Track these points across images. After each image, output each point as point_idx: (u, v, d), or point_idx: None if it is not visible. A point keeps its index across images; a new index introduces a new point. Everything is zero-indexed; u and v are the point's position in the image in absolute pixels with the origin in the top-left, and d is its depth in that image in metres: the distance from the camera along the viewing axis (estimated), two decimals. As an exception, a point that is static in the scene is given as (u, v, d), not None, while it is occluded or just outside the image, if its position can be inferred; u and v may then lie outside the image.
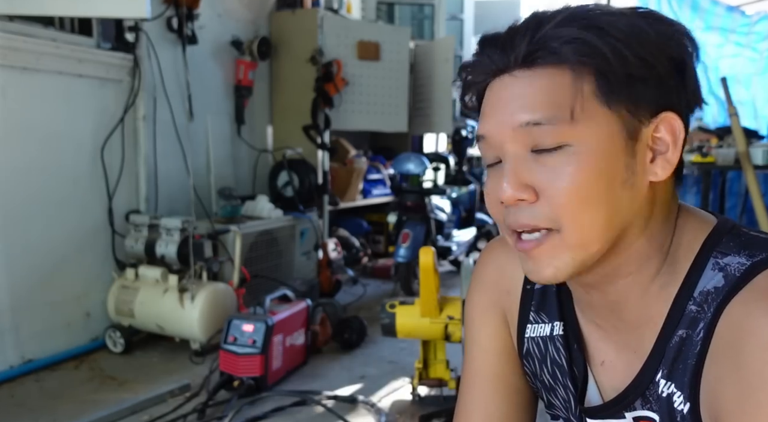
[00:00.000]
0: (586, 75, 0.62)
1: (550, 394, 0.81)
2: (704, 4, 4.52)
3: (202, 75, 3.56)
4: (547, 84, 0.63)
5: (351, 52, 4.29)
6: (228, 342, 2.44)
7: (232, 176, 3.88)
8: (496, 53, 0.65)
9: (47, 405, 2.32)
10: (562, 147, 0.62)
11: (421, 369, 2.36)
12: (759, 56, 4.43)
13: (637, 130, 0.63)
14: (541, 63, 0.63)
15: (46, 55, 2.65)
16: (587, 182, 0.62)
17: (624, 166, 0.63)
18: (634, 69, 0.61)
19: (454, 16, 6.78)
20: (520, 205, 0.65)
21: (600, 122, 0.62)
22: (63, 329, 2.79)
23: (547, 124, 0.62)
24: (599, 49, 0.61)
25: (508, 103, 0.65)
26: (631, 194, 0.64)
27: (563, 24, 0.62)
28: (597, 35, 0.61)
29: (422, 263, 2.18)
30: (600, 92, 0.62)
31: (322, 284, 3.79)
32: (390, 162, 4.77)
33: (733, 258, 0.64)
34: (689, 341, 0.64)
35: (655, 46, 0.62)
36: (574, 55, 0.61)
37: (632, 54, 0.61)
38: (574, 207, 0.62)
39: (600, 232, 0.64)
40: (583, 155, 0.62)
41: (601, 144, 0.62)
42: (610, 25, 0.61)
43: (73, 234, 2.84)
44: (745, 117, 4.18)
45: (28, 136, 2.62)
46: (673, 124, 0.64)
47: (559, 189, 0.62)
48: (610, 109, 0.62)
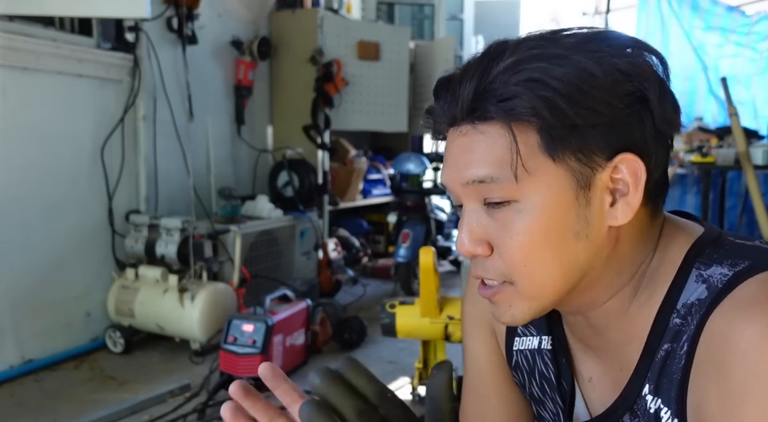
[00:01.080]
0: (529, 130, 0.60)
1: (539, 407, 0.81)
2: (704, 4, 4.52)
3: (202, 75, 3.56)
4: (489, 141, 0.61)
5: (351, 52, 4.29)
6: (228, 342, 2.44)
7: (232, 176, 3.88)
8: (446, 102, 0.64)
9: (47, 405, 2.32)
10: (510, 203, 0.61)
11: (421, 369, 2.36)
12: (759, 56, 4.43)
13: (589, 178, 0.61)
14: (483, 118, 0.61)
15: (46, 55, 2.65)
16: (536, 238, 0.61)
17: (575, 217, 0.61)
18: (577, 119, 0.59)
19: (454, 16, 6.77)
20: (476, 258, 0.65)
21: (546, 177, 0.60)
22: (63, 329, 2.79)
23: (491, 182, 0.61)
24: (536, 106, 0.58)
25: (456, 158, 0.64)
26: (586, 244, 0.62)
27: (506, 73, 0.59)
28: (535, 90, 0.58)
29: (422, 263, 2.18)
30: (544, 146, 0.60)
31: (322, 284, 3.79)
32: (390, 162, 4.77)
33: (716, 269, 0.62)
34: (673, 354, 0.63)
35: (604, 90, 0.59)
36: (512, 113, 0.59)
37: (574, 105, 0.58)
38: (525, 263, 0.62)
39: (554, 284, 0.63)
40: (529, 213, 0.61)
41: (548, 199, 0.61)
42: (551, 76, 0.58)
43: (73, 234, 2.84)
44: (745, 117, 4.18)
45: (28, 136, 2.62)
46: (632, 165, 0.61)
47: (509, 246, 0.62)
48: (555, 162, 0.60)
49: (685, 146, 4.12)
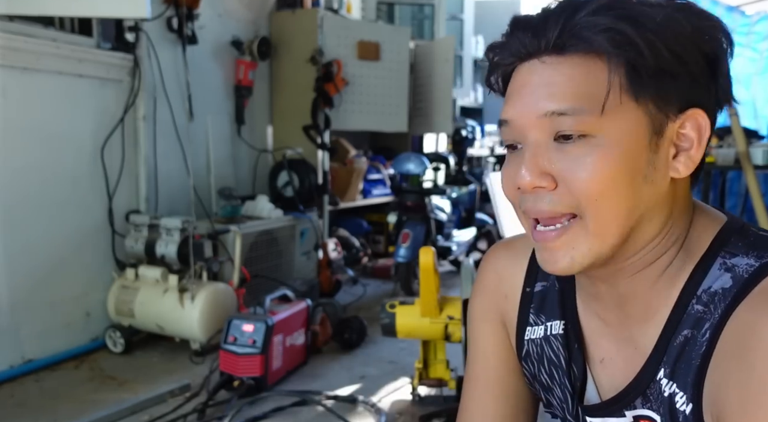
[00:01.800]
0: (617, 66, 0.61)
1: (548, 394, 0.82)
2: (704, 4, 4.52)
3: (202, 75, 3.56)
4: (576, 73, 0.62)
5: (351, 52, 4.29)
6: (228, 342, 2.44)
7: (232, 176, 3.88)
8: (526, 37, 0.64)
9: (47, 405, 2.32)
10: (585, 137, 0.62)
11: (421, 369, 2.36)
12: (759, 56, 4.43)
13: (663, 125, 0.63)
14: (572, 50, 0.62)
15: (46, 55, 2.65)
16: (608, 174, 0.61)
17: (646, 161, 0.63)
18: (666, 63, 0.60)
19: (454, 16, 6.77)
20: (538, 192, 0.64)
21: (626, 116, 0.61)
22: (63, 329, 2.79)
23: (573, 115, 0.61)
24: (633, 41, 0.59)
25: (534, 89, 0.63)
26: (652, 190, 0.63)
27: (598, 12, 0.60)
28: (632, 26, 0.59)
29: (422, 263, 2.18)
30: (629, 85, 0.61)
31: (322, 284, 3.79)
32: (390, 162, 4.77)
33: (742, 259, 0.63)
34: (693, 341, 0.63)
35: (690, 42, 0.61)
36: (606, 45, 0.60)
37: (666, 48, 0.60)
38: (597, 196, 0.62)
39: (619, 224, 0.63)
40: (606, 148, 0.61)
41: (625, 138, 0.62)
42: (646, 16, 0.60)
43: (73, 234, 2.84)
44: (745, 117, 4.18)
45: (28, 136, 2.62)
46: (699, 121, 0.64)
47: (579, 179, 0.62)
48: (638, 103, 0.62)
49: (685, 146, 4.11)
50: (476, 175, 5.89)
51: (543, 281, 0.82)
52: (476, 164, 6.75)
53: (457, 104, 6.16)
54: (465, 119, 6.10)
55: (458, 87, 6.34)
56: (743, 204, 4.44)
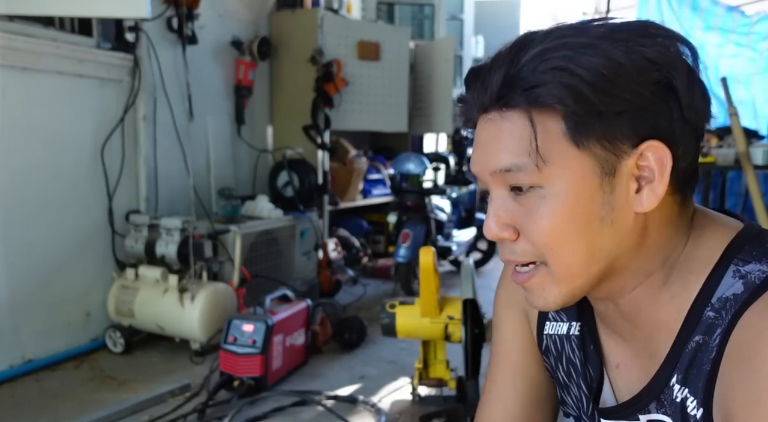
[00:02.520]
0: (554, 118, 0.61)
1: (564, 392, 0.83)
2: (704, 4, 4.52)
3: (202, 75, 3.56)
4: (516, 127, 0.62)
5: (351, 52, 4.29)
6: (228, 342, 2.44)
7: (232, 176, 3.88)
8: (476, 90, 0.65)
9: (47, 405, 2.32)
10: (534, 188, 0.63)
11: (421, 369, 2.36)
12: (759, 56, 4.43)
13: (614, 164, 0.62)
14: (509, 106, 0.63)
15: (46, 55, 2.65)
16: (561, 222, 0.62)
17: (600, 203, 0.62)
18: (602, 107, 0.59)
19: (454, 16, 6.77)
20: (504, 243, 0.67)
21: (570, 163, 0.62)
22: (63, 329, 2.79)
23: (517, 171, 0.63)
24: (561, 94, 0.59)
25: (484, 146, 0.66)
26: (612, 230, 0.63)
27: (534, 61, 0.60)
28: (560, 78, 0.59)
29: (422, 263, 2.18)
30: (569, 133, 0.61)
31: (322, 284, 3.79)
32: (390, 162, 4.77)
33: (755, 266, 0.63)
34: (705, 347, 0.63)
35: (629, 78, 0.59)
36: (537, 100, 0.60)
37: (599, 93, 0.59)
38: (552, 246, 0.64)
39: (582, 268, 0.64)
40: (553, 198, 0.62)
41: (571, 185, 0.62)
42: (577, 64, 0.59)
43: (74, 234, 2.84)
44: (745, 117, 4.18)
45: (28, 136, 2.62)
46: (658, 152, 0.62)
47: (535, 231, 0.64)
48: (580, 149, 0.61)
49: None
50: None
51: None
52: (476, 164, 6.74)
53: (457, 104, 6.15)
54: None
55: (458, 87, 6.34)
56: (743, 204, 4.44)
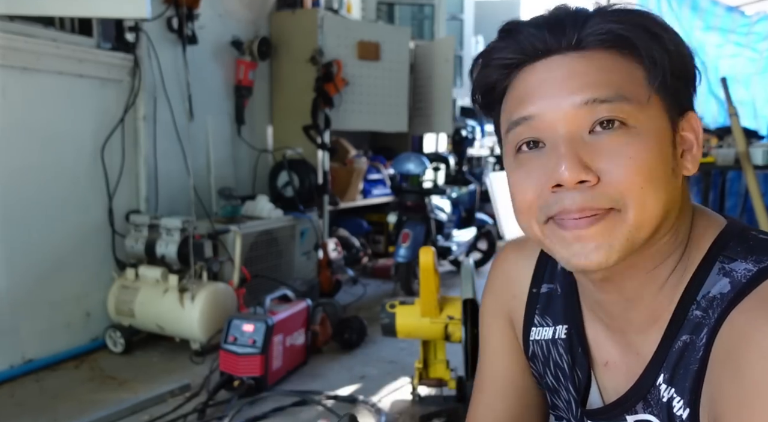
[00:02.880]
0: (640, 64, 0.63)
1: (554, 396, 0.82)
2: (704, 4, 4.52)
3: (202, 75, 3.56)
4: (606, 66, 0.63)
5: (351, 52, 4.29)
6: (228, 342, 2.44)
7: (232, 176, 3.88)
8: (542, 34, 0.64)
9: (47, 405, 2.32)
10: (625, 127, 0.61)
11: (421, 369, 2.36)
12: (759, 56, 4.43)
13: (676, 123, 0.66)
14: (597, 46, 0.63)
15: (46, 55, 2.65)
16: (651, 163, 0.61)
17: (671, 154, 0.65)
18: (679, 69, 0.65)
19: (454, 16, 6.77)
20: (579, 188, 0.61)
21: (655, 112, 0.64)
22: (63, 329, 2.79)
23: (615, 102, 0.61)
24: (661, 42, 0.63)
25: (564, 82, 0.62)
26: (675, 184, 0.65)
27: (626, 14, 0.64)
28: (656, 30, 0.63)
29: (422, 263, 2.18)
30: (652, 82, 0.63)
31: (322, 284, 3.79)
32: (390, 162, 4.77)
33: (740, 264, 0.63)
34: (692, 346, 0.63)
35: (689, 55, 0.66)
36: (637, 43, 0.62)
37: (680, 54, 0.65)
38: (642, 185, 0.61)
39: (657, 214, 0.63)
40: (644, 137, 0.62)
41: (658, 129, 0.63)
42: (663, 26, 0.64)
43: (74, 234, 2.84)
44: (745, 117, 4.18)
45: (28, 136, 2.62)
46: (696, 123, 0.67)
47: (625, 169, 0.61)
48: (662, 101, 0.64)
49: (685, 146, 4.11)
50: (476, 175, 5.89)
51: (549, 283, 0.82)
52: (476, 164, 6.75)
53: (457, 104, 6.15)
54: (465, 119, 6.10)
55: (458, 87, 6.34)
56: (743, 204, 4.44)
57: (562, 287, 0.80)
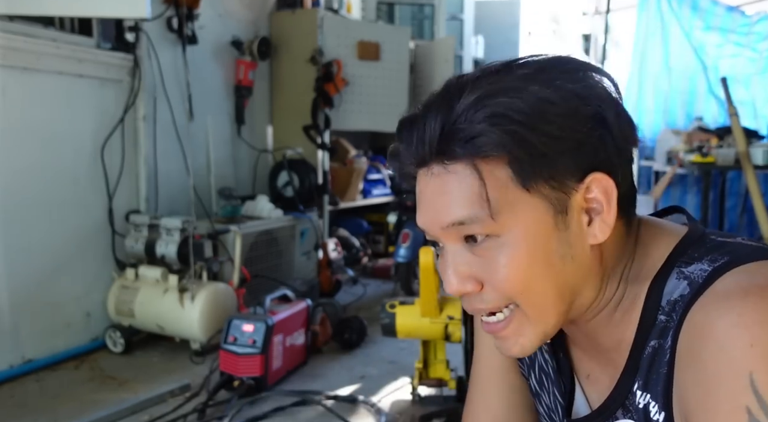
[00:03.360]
0: (500, 165, 0.60)
1: (536, 400, 0.83)
2: (704, 4, 4.52)
3: (202, 75, 3.56)
4: (461, 180, 0.61)
5: (351, 52, 4.28)
6: (228, 342, 2.44)
7: (232, 176, 3.88)
8: (412, 144, 0.64)
9: (47, 405, 2.32)
10: (491, 237, 0.62)
11: (421, 369, 2.36)
12: (759, 56, 4.44)
13: (565, 202, 0.62)
14: (452, 158, 0.61)
15: (46, 55, 2.65)
16: (524, 270, 0.62)
17: (557, 242, 0.63)
18: (544, 148, 0.60)
19: (454, 16, 6.77)
20: (467, 296, 0.66)
21: (522, 208, 0.61)
22: (63, 329, 2.79)
23: (470, 223, 0.62)
24: (504, 141, 0.59)
25: (430, 201, 0.64)
26: (574, 265, 0.64)
27: (470, 110, 0.60)
28: (500, 125, 0.59)
29: (422, 263, 2.18)
30: (517, 178, 0.61)
31: (322, 284, 3.79)
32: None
33: (697, 266, 0.64)
34: (660, 350, 0.64)
35: (566, 116, 0.60)
36: (480, 150, 0.60)
37: (540, 135, 0.59)
38: (521, 290, 0.63)
39: (555, 306, 0.65)
40: (512, 245, 0.62)
41: (528, 229, 0.62)
42: (513, 109, 0.59)
43: (74, 234, 2.84)
44: (745, 117, 4.18)
45: (28, 136, 2.62)
46: (602, 183, 0.63)
47: (499, 280, 0.63)
48: (530, 192, 0.61)
49: (685, 146, 4.12)
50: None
51: None
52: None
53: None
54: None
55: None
56: (743, 204, 4.44)
57: None
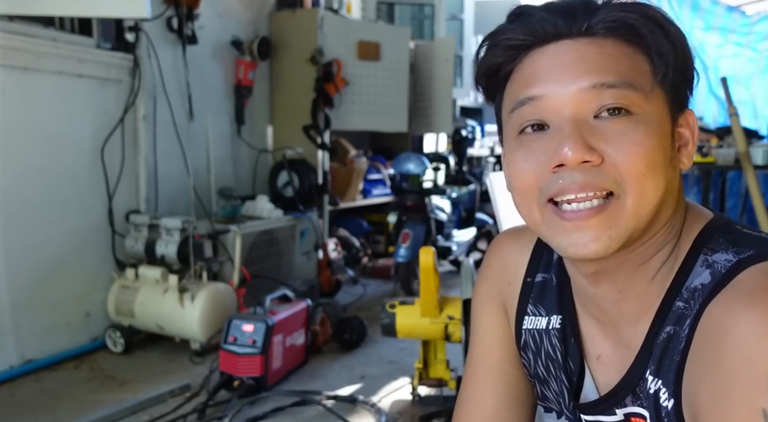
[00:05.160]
0: (646, 56, 0.64)
1: (544, 386, 0.82)
2: (704, 4, 4.51)
3: (202, 75, 3.56)
4: (615, 53, 0.64)
5: (351, 52, 4.28)
6: (228, 342, 2.44)
7: (232, 176, 3.88)
8: (553, 18, 0.64)
9: (47, 405, 2.32)
10: (630, 114, 0.62)
11: (421, 369, 2.36)
12: (759, 56, 4.43)
13: (676, 118, 0.67)
14: (606, 34, 0.64)
15: (46, 55, 2.65)
16: (653, 151, 0.62)
17: (671, 145, 0.66)
18: (682, 65, 0.66)
19: (454, 16, 6.77)
20: (582, 167, 0.62)
21: (658, 102, 0.65)
22: (63, 329, 2.79)
23: (623, 88, 0.62)
24: (668, 36, 0.64)
25: (573, 65, 0.63)
26: (673, 175, 0.66)
27: (629, 5, 0.65)
28: (664, 24, 0.65)
29: (422, 263, 2.18)
30: (657, 74, 0.64)
31: (322, 284, 3.79)
32: (390, 162, 4.77)
33: (721, 255, 0.64)
34: (676, 337, 0.64)
35: (691, 55, 0.67)
36: (646, 33, 0.63)
37: (684, 51, 0.66)
38: (641, 173, 0.62)
39: (655, 203, 0.63)
40: (647, 126, 0.63)
41: (660, 120, 0.65)
42: (671, 21, 0.65)
43: (74, 234, 2.84)
44: (745, 117, 4.17)
45: (28, 136, 2.62)
46: (693, 120, 0.69)
47: (626, 154, 0.61)
48: (664, 93, 0.66)
49: (685, 146, 4.11)
50: (476, 175, 5.88)
51: (544, 272, 0.83)
52: (476, 164, 6.74)
53: (457, 104, 6.15)
54: (465, 119, 6.10)
55: (458, 87, 6.34)
56: (743, 204, 4.43)
57: (557, 277, 0.81)
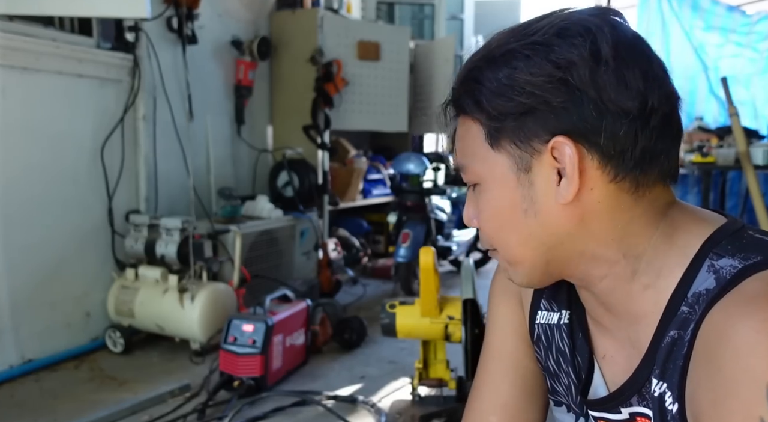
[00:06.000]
0: (476, 123, 0.70)
1: (554, 381, 0.83)
2: (704, 4, 4.52)
3: (202, 75, 3.56)
4: (462, 131, 0.73)
5: (351, 52, 4.29)
6: (228, 342, 2.44)
7: (232, 176, 3.88)
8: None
9: (47, 405, 2.32)
10: (479, 184, 0.72)
11: (421, 369, 2.36)
12: (759, 56, 4.43)
13: (528, 162, 0.67)
14: (459, 113, 0.73)
15: (46, 55, 2.65)
16: (493, 214, 0.71)
17: (521, 197, 0.68)
18: (506, 112, 0.66)
19: (454, 16, 6.77)
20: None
21: (490, 164, 0.69)
22: (63, 329, 2.79)
23: (466, 165, 0.73)
24: (473, 104, 0.69)
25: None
26: (537, 220, 0.68)
27: (462, 72, 0.71)
28: (472, 90, 0.68)
29: (422, 263, 2.18)
30: (485, 137, 0.69)
31: (322, 284, 3.79)
32: (390, 162, 4.77)
33: (727, 261, 0.63)
34: (680, 342, 0.64)
35: (526, 81, 0.64)
36: (465, 109, 0.71)
37: (501, 99, 0.66)
38: (491, 234, 0.73)
39: (521, 253, 0.71)
40: (486, 193, 0.71)
41: (496, 183, 0.70)
42: (484, 76, 0.67)
43: (73, 234, 2.84)
44: (745, 117, 4.18)
45: (28, 136, 2.62)
46: (562, 148, 0.64)
47: (481, 220, 0.73)
48: (496, 150, 0.68)
49: (685, 146, 4.11)
50: (476, 175, 5.87)
51: None
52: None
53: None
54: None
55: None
56: (744, 204, 4.44)
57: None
